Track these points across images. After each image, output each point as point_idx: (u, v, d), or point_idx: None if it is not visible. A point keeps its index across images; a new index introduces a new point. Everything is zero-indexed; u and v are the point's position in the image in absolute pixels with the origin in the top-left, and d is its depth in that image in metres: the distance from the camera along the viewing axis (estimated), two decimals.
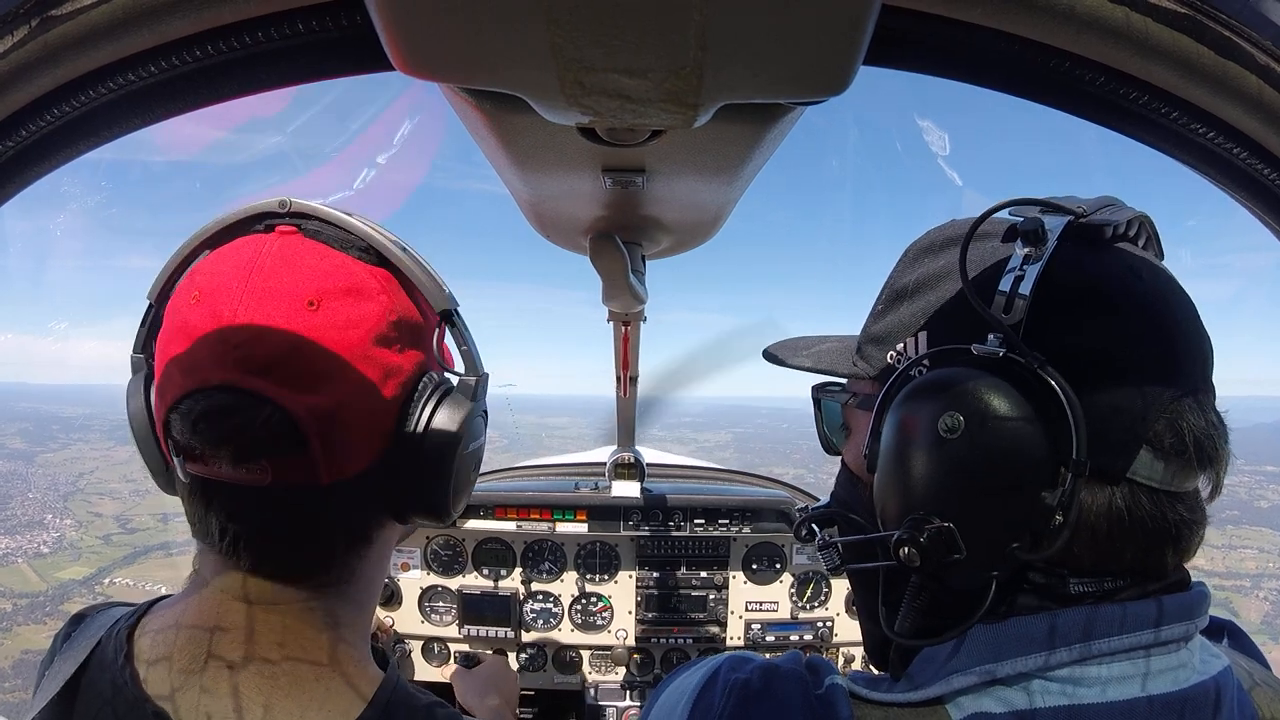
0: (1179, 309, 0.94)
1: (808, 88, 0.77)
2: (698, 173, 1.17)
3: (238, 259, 1.07)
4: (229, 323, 1.01)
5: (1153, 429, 0.89)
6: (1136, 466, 0.89)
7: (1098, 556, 0.91)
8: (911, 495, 0.95)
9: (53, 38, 0.83)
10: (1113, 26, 0.86)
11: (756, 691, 0.96)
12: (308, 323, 1.02)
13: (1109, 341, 0.91)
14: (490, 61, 0.73)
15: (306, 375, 1.01)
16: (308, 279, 1.05)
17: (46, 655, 1.19)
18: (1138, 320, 0.92)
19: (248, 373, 0.99)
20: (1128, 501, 0.89)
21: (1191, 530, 0.93)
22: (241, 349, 1.00)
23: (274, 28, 0.87)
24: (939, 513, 0.92)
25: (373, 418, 1.08)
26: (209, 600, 1.08)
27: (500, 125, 0.98)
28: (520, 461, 4.60)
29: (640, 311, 2.49)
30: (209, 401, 0.99)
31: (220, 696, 1.02)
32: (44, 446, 60.19)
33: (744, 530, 3.63)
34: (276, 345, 1.01)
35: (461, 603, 3.61)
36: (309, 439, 1.00)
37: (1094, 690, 0.87)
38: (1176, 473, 0.90)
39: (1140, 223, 1.00)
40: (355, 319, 1.06)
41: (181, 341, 1.03)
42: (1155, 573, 0.93)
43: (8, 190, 0.98)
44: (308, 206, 1.13)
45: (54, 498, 52.03)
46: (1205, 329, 0.96)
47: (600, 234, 1.49)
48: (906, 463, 0.96)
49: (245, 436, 0.98)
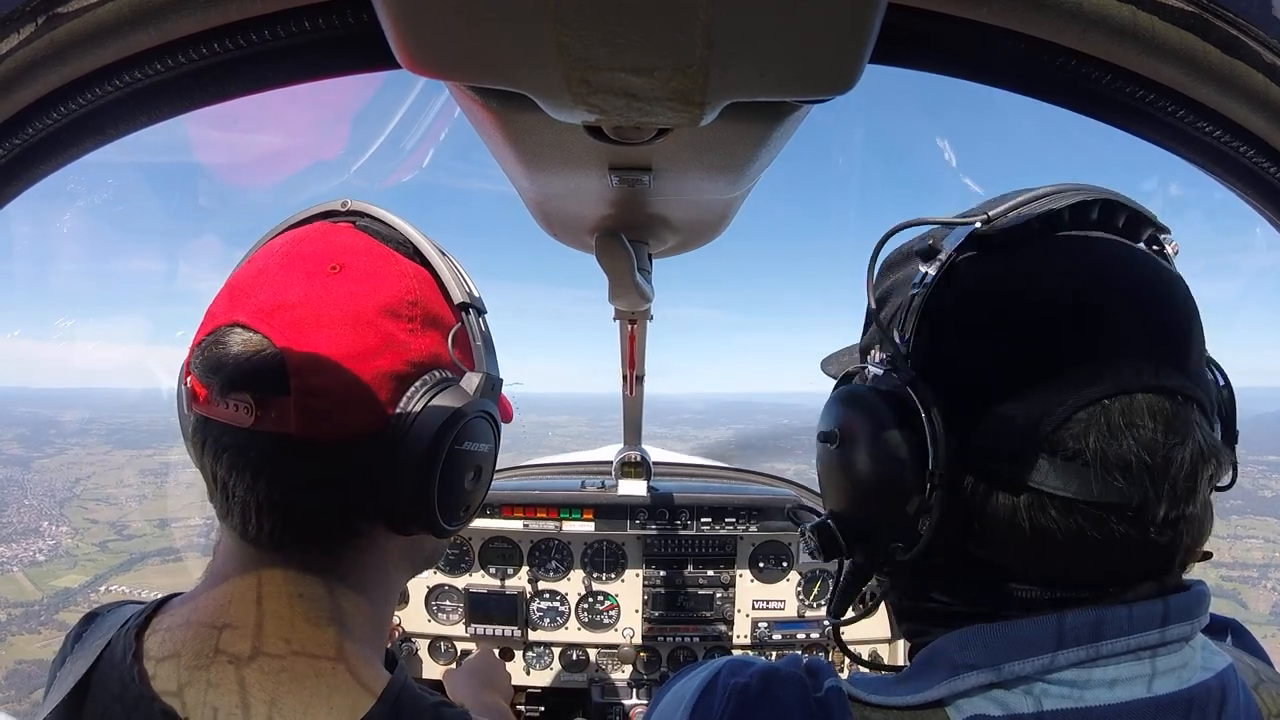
0: (1101, 308, 0.90)
1: (814, 86, 0.77)
2: (704, 171, 1.17)
3: (289, 237, 1.16)
4: (256, 277, 1.09)
5: (1051, 437, 0.88)
6: (1035, 475, 0.88)
7: (1028, 564, 0.93)
8: (821, 493, 1.13)
9: (59, 35, 0.83)
10: (1119, 25, 0.86)
11: (756, 695, 0.96)
12: (324, 282, 1.07)
13: (1000, 352, 0.92)
14: (497, 60, 0.73)
15: (304, 323, 1.04)
16: (339, 250, 1.12)
17: (58, 655, 1.20)
18: (1030, 328, 0.91)
19: (256, 314, 1.04)
20: (1032, 510, 0.89)
21: (1142, 550, 0.89)
22: (255, 296, 1.06)
23: (280, 25, 0.88)
24: (829, 512, 1.10)
25: (361, 384, 1.06)
26: (220, 595, 1.09)
27: (507, 124, 0.98)
28: (523, 460, 4.61)
29: (647, 310, 2.49)
30: (215, 335, 1.05)
31: (226, 691, 1.02)
32: (41, 452, 59.60)
33: (751, 529, 3.63)
34: (285, 295, 1.06)
35: (468, 602, 3.62)
36: (289, 378, 1.02)
37: (1099, 692, 0.87)
38: (1086, 483, 0.87)
39: (1099, 206, 0.97)
40: (371, 288, 1.09)
41: (218, 299, 1.10)
42: (1108, 584, 0.92)
43: (14, 187, 0.99)
44: (363, 206, 1.23)
45: (50, 504, 51.44)
46: (1173, 326, 0.92)
47: (607, 232, 1.49)
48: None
49: (231, 364, 1.03)
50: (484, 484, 1.25)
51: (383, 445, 1.08)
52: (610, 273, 1.63)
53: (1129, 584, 0.91)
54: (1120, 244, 0.97)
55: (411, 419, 1.09)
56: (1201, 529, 0.92)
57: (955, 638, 0.95)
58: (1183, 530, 0.90)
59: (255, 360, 1.02)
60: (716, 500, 3.65)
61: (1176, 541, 0.90)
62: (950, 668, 0.93)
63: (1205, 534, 0.94)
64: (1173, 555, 0.91)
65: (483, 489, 1.25)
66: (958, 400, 0.92)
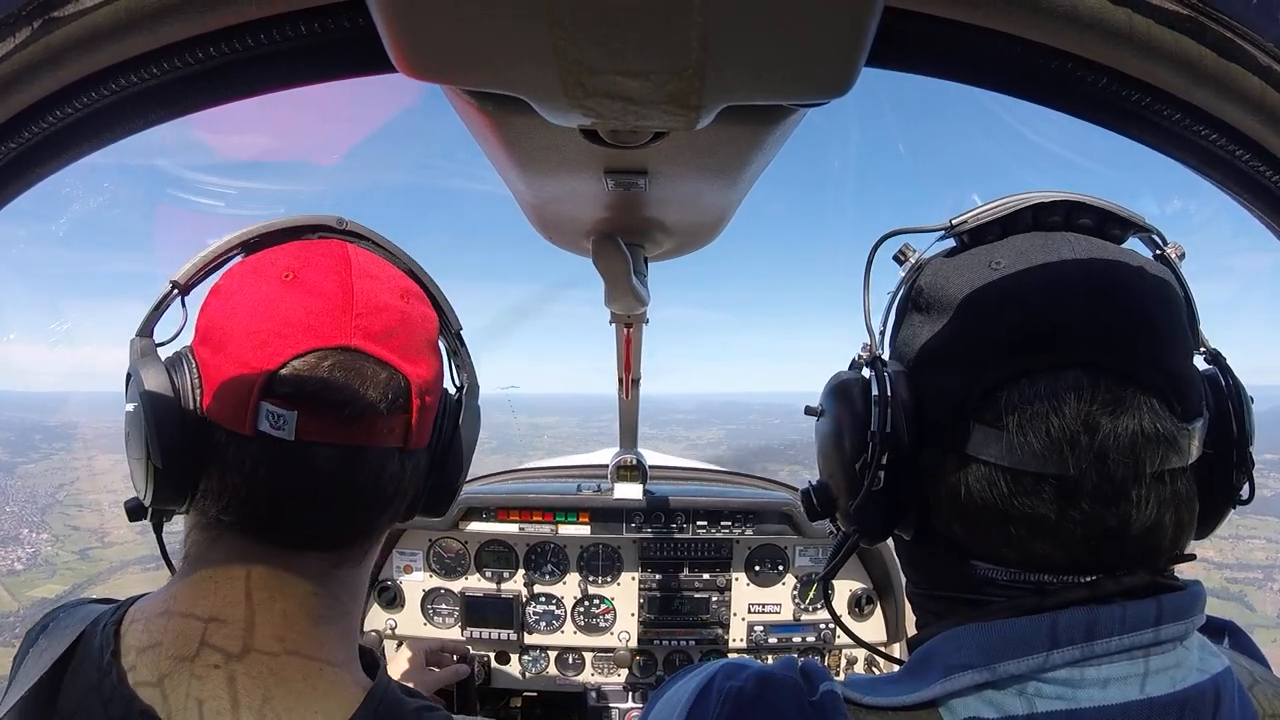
0: (1029, 291, 0.96)
1: (810, 89, 0.77)
2: (700, 174, 1.17)
3: (326, 250, 1.15)
4: (347, 295, 1.09)
5: (979, 405, 0.95)
6: (970, 444, 0.95)
7: (981, 539, 0.97)
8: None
9: (55, 39, 0.82)
10: (1115, 28, 0.86)
11: (750, 699, 0.96)
12: (404, 308, 1.15)
13: (945, 330, 1.02)
14: (493, 63, 0.73)
15: (411, 349, 1.13)
16: (394, 277, 1.19)
17: (18, 653, 1.18)
18: (972, 307, 1.00)
19: (368, 338, 1.07)
20: (970, 480, 0.95)
21: (1089, 531, 0.90)
22: (362, 319, 1.08)
23: (276, 30, 0.87)
24: (817, 480, 1.22)
25: (436, 403, 1.22)
26: (202, 586, 1.08)
27: (503, 127, 0.98)
28: (513, 462, 4.61)
29: (643, 313, 2.49)
30: (335, 359, 1.05)
31: (212, 686, 1.01)
32: (25, 457, 58.98)
33: (746, 532, 3.63)
34: (388, 320, 1.11)
35: (464, 605, 3.61)
36: (413, 401, 1.12)
37: (1092, 692, 0.87)
38: (1011, 450, 0.91)
39: (1063, 207, 1.03)
40: (428, 315, 1.22)
41: (273, 313, 1.06)
42: (1068, 568, 0.93)
43: (9, 192, 0.98)
44: (360, 227, 1.26)
45: (31, 510, 50.72)
46: (1127, 311, 0.94)
47: (603, 236, 1.49)
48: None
49: (368, 393, 1.06)
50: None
51: (432, 449, 1.24)
52: (606, 276, 1.63)
53: (1091, 571, 0.92)
54: (1081, 239, 1.00)
55: (453, 426, 1.28)
56: (1161, 518, 0.91)
57: (948, 637, 0.96)
58: (1131, 515, 0.89)
59: (387, 388, 1.08)
60: (712, 504, 3.65)
61: (1127, 526, 0.90)
62: (944, 668, 0.93)
63: (1180, 532, 0.94)
64: (1139, 547, 0.91)
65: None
66: (917, 380, 1.04)
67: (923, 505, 1.04)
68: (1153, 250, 1.07)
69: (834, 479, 1.16)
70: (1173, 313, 0.97)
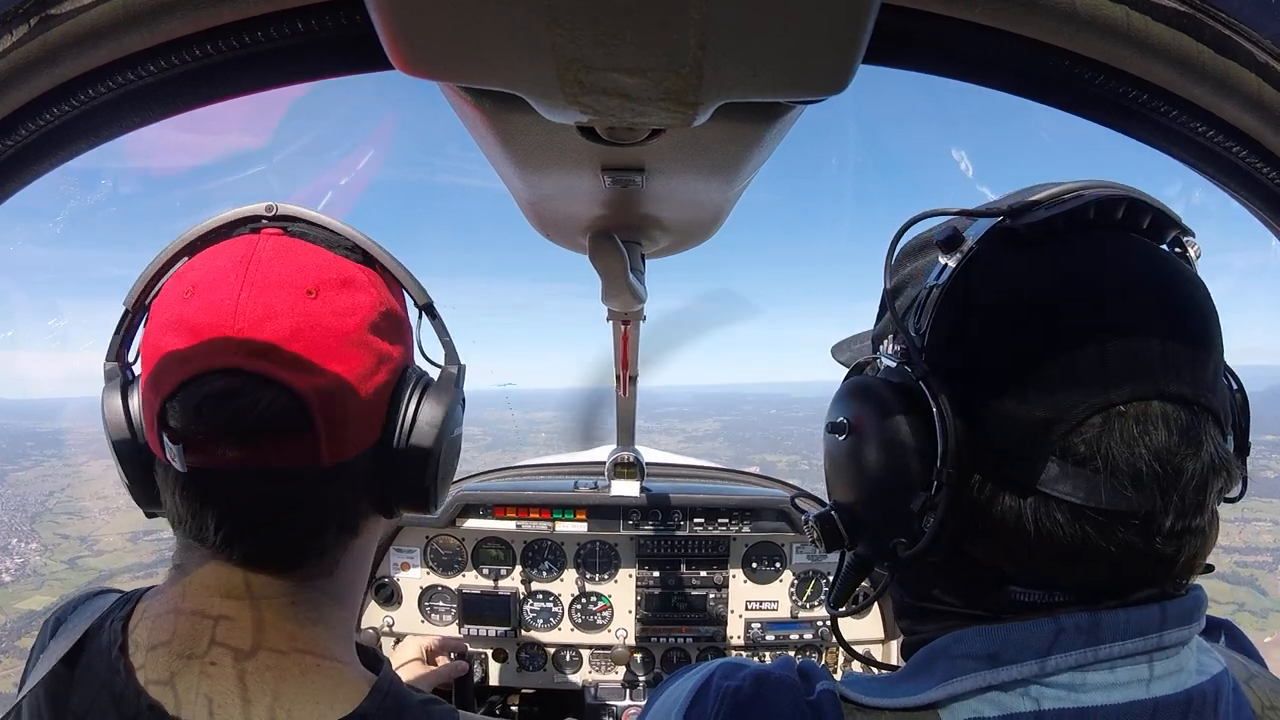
0: (1123, 312, 0.88)
1: (807, 87, 0.77)
2: (697, 172, 1.17)
3: (232, 255, 1.09)
4: (230, 311, 1.02)
5: (1062, 441, 0.87)
6: (1044, 478, 0.87)
7: (1028, 567, 0.92)
8: (827, 484, 1.11)
9: (52, 37, 0.82)
10: (1112, 25, 0.86)
11: (748, 699, 0.96)
12: (307, 309, 1.05)
13: (1018, 350, 0.90)
14: (490, 60, 0.73)
15: (307, 358, 1.03)
16: (304, 270, 1.09)
17: (36, 642, 1.19)
18: (1050, 327, 0.89)
19: (250, 356, 1.01)
20: (1038, 514, 0.88)
21: (1145, 559, 0.88)
22: (243, 335, 1.01)
23: (273, 27, 0.87)
24: (834, 503, 1.09)
25: (367, 403, 1.11)
26: (189, 594, 1.09)
27: (500, 124, 0.98)
28: (508, 458, 4.59)
29: (640, 310, 2.49)
30: (212, 385, 0.99)
31: (222, 683, 1.02)
32: (16, 465, 58.31)
33: (744, 529, 3.63)
34: (278, 330, 1.03)
35: (461, 602, 3.61)
36: (314, 417, 1.01)
37: (1098, 695, 0.87)
38: (1095, 489, 0.86)
39: (1125, 205, 0.94)
40: (351, 307, 1.10)
41: (176, 335, 1.03)
42: (1109, 592, 0.90)
43: (6, 189, 0.98)
44: (293, 209, 1.16)
45: (21, 519, 49.97)
46: (1194, 333, 0.89)
47: (600, 233, 1.49)
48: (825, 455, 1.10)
49: (250, 417, 0.99)
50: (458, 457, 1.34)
51: (387, 446, 1.14)
52: (604, 273, 1.62)
53: (1128, 590, 0.91)
54: (1146, 246, 0.95)
55: (411, 418, 1.16)
56: (1206, 541, 0.91)
57: (952, 639, 0.95)
58: (1187, 542, 0.89)
59: (274, 408, 1.00)
60: (709, 501, 3.65)
61: (1180, 552, 0.89)
62: (946, 669, 0.93)
63: (1209, 546, 0.93)
64: (1175, 565, 0.90)
65: (457, 461, 1.34)
66: (971, 396, 0.91)
67: (957, 531, 0.93)
68: (1178, 252, 1.00)
69: (868, 508, 1.03)
70: (1219, 329, 0.93)
